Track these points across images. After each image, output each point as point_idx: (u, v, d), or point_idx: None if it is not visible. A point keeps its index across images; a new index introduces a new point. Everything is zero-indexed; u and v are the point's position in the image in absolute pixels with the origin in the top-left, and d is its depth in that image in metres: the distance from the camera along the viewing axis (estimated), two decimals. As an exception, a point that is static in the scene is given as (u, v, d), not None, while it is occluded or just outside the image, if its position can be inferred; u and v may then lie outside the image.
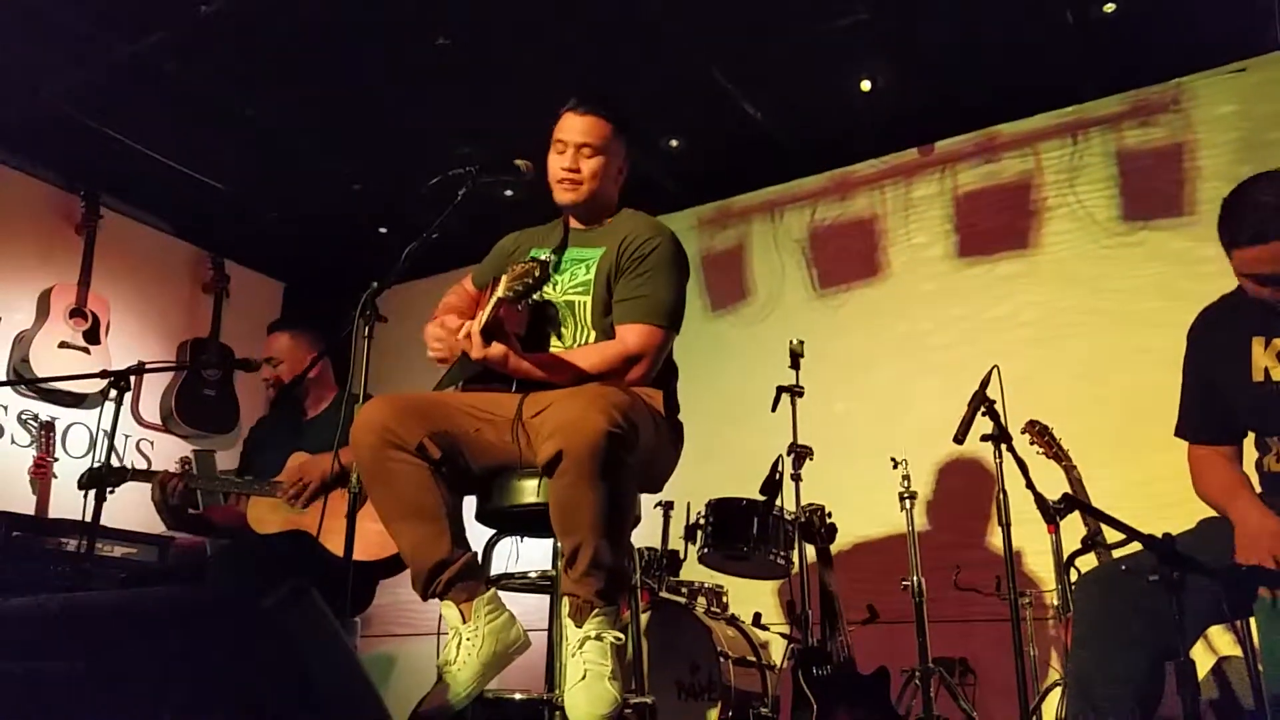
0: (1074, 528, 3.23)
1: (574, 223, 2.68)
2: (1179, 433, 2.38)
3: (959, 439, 3.11)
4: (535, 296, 2.40)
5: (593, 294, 2.50)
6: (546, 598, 2.52)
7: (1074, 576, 3.13)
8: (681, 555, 3.79)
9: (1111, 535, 3.12)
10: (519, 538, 2.64)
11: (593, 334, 2.49)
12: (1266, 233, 2.02)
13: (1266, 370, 2.18)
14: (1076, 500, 2.41)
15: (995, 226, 4.40)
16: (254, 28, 3.92)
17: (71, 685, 1.36)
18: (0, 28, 3.92)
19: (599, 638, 2.14)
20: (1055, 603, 3.38)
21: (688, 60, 4.09)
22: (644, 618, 3.30)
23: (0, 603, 1.55)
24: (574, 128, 2.57)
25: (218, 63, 4.16)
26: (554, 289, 2.54)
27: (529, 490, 2.36)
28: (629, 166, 2.69)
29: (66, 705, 1.31)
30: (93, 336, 4.93)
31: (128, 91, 4.34)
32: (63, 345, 4.83)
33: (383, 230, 5.45)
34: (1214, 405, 2.30)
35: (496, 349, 2.30)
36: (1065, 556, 3.17)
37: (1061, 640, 3.54)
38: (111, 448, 3.41)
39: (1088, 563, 3.12)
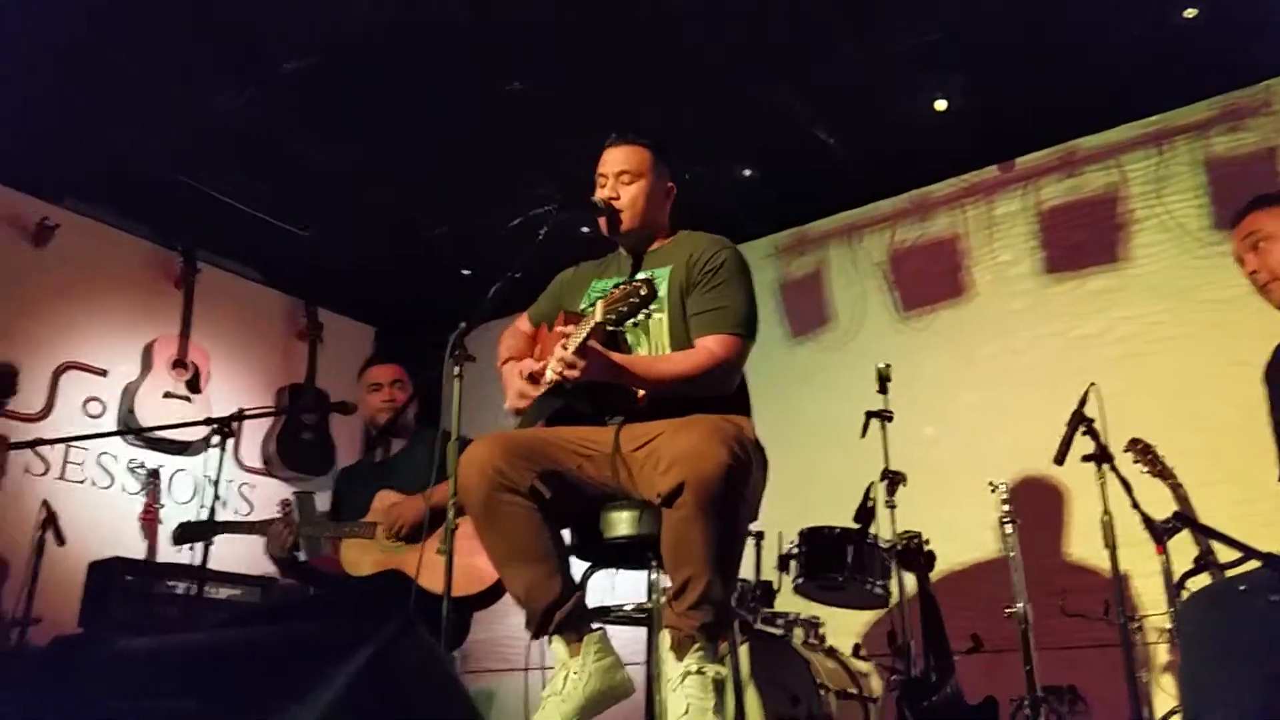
0: (1183, 548, 3.11)
1: (629, 251, 2.71)
2: None
3: (1059, 460, 3.03)
4: (640, 316, 2.34)
5: (668, 310, 2.51)
6: (641, 633, 2.51)
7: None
8: (775, 586, 3.75)
9: (1224, 554, 3.00)
10: (614, 570, 2.65)
11: (668, 352, 2.50)
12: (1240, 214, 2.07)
13: None
14: (1188, 519, 2.32)
15: (1082, 241, 4.32)
16: (335, 81, 4.06)
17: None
18: (96, 96, 4.13)
19: (700, 672, 2.13)
20: (1167, 626, 3.26)
21: (759, 89, 4.11)
22: (741, 650, 3.27)
23: (124, 643, 1.62)
24: (611, 160, 2.65)
25: (302, 117, 4.32)
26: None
27: (626, 523, 2.37)
28: (676, 188, 2.72)
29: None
30: (194, 386, 5.11)
31: (219, 149, 4.53)
32: (166, 395, 5.01)
33: (466, 272, 5.57)
34: None
35: (596, 361, 2.26)
36: (1177, 578, 3.05)
37: (1176, 665, 3.41)
38: (216, 494, 3.52)
39: (1200, 584, 3.00)
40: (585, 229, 4.69)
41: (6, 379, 2.08)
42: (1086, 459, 3.06)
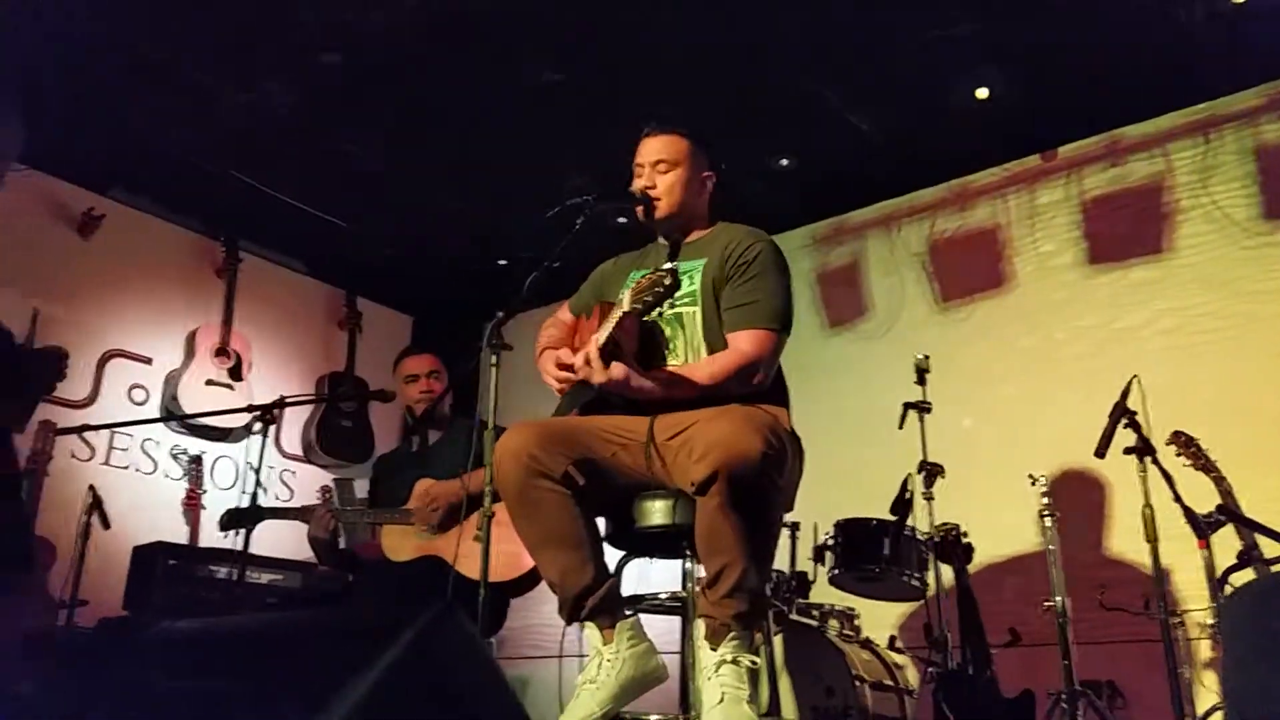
0: (1226, 542, 3.07)
1: (666, 240, 2.71)
2: None
3: (1100, 453, 2.99)
4: (663, 307, 2.40)
5: (701, 304, 2.51)
6: (676, 622, 2.52)
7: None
8: (811, 577, 3.74)
9: (1270, 549, 2.96)
10: (648, 559, 2.66)
11: (704, 346, 2.50)
12: None
13: None
14: (1233, 512, 2.28)
15: (1126, 232, 4.25)
16: (374, 74, 4.09)
17: (233, 704, 1.43)
18: (143, 87, 4.18)
19: (735, 661, 2.13)
20: (1209, 621, 3.21)
21: (795, 78, 4.09)
22: (776, 641, 3.27)
23: (169, 624, 1.65)
24: (648, 149, 2.65)
25: (342, 109, 4.35)
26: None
27: (660, 512, 2.38)
28: (716, 179, 2.71)
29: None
30: (236, 374, 5.18)
31: (261, 141, 4.57)
32: (209, 383, 5.09)
33: (502, 262, 5.59)
34: None
35: (618, 369, 2.33)
36: (1220, 573, 3.01)
37: (1219, 661, 3.36)
38: (258, 481, 3.57)
39: (1244, 579, 2.96)
40: (621, 219, 4.72)
41: (57, 362, 2.13)
42: (1128, 452, 3.02)
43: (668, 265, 2.42)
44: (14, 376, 2.09)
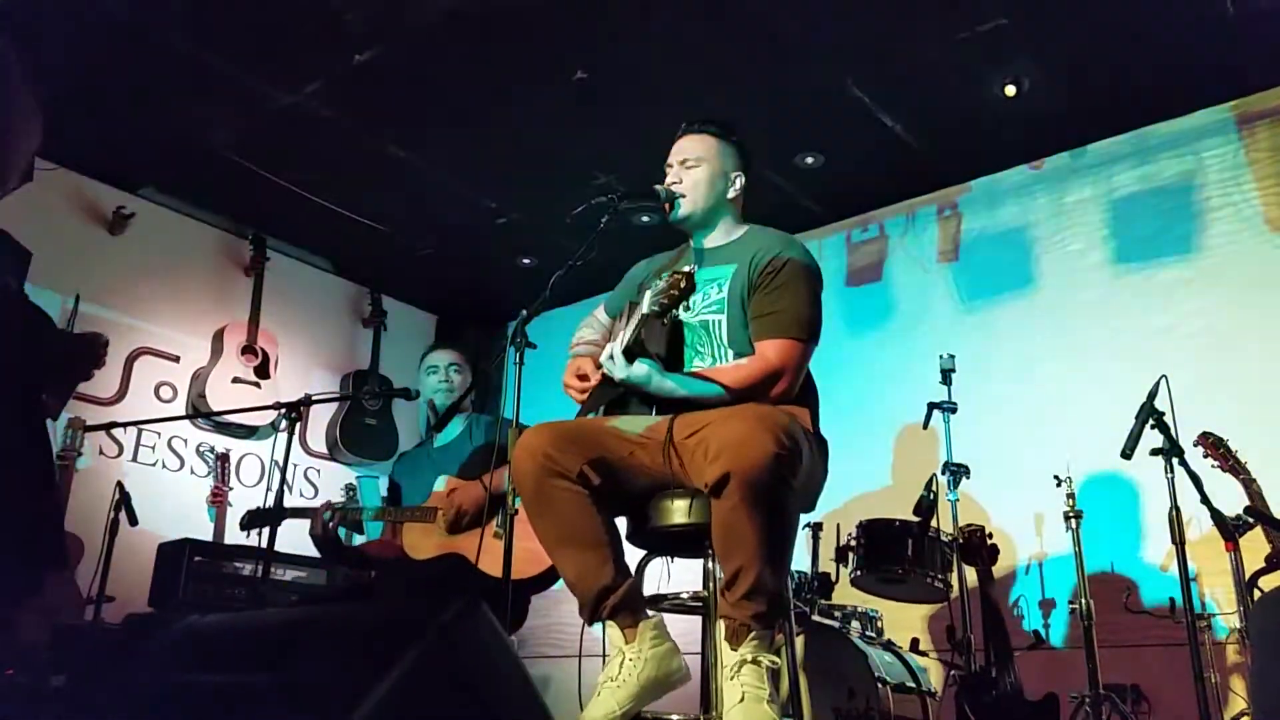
0: (1255, 545, 3.03)
1: (698, 242, 2.70)
2: None
3: (1127, 454, 2.96)
4: (680, 309, 2.42)
5: (728, 312, 2.50)
6: (697, 621, 2.52)
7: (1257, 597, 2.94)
8: (833, 578, 3.73)
9: (1300, 553, 2.92)
10: (669, 558, 2.66)
11: (730, 354, 2.49)
12: None
13: None
14: (1262, 514, 2.25)
15: (1156, 231, 4.20)
16: (401, 73, 4.11)
17: (259, 699, 1.44)
18: (173, 86, 4.23)
19: (755, 661, 2.13)
20: (1237, 625, 3.18)
21: (823, 76, 4.07)
22: (797, 642, 3.26)
23: (195, 619, 1.66)
24: (678, 148, 2.67)
25: (370, 108, 4.38)
26: (689, 311, 2.55)
27: (680, 511, 2.37)
28: (748, 180, 2.69)
29: (258, 717, 1.38)
30: (263, 371, 5.21)
31: (289, 139, 4.61)
32: (236, 381, 5.13)
33: (525, 261, 5.61)
34: None
35: (640, 368, 2.35)
36: (1248, 576, 2.97)
37: (1246, 665, 3.33)
38: (283, 478, 3.59)
39: (1273, 582, 2.92)
40: (645, 219, 4.73)
41: (95, 348, 2.15)
42: (1155, 453, 2.99)
43: (686, 267, 2.42)
44: (55, 360, 2.11)
